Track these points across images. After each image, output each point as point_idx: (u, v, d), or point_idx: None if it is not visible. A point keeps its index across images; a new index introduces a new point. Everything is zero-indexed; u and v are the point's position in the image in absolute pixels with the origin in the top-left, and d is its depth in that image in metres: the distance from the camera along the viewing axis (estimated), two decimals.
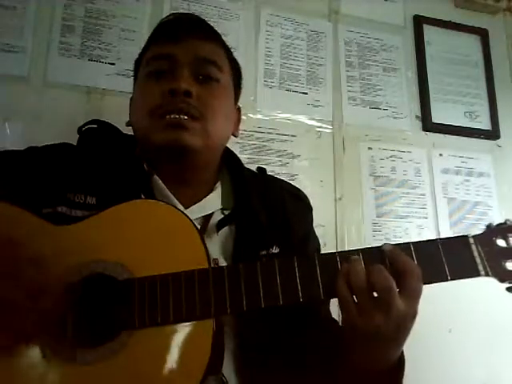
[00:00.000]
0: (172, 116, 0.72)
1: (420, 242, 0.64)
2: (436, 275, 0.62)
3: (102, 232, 0.64)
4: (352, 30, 1.53)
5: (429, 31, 1.61)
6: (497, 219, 1.49)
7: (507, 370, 1.37)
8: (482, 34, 1.67)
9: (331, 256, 0.63)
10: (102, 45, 1.25)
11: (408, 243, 0.63)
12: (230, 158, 0.88)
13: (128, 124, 0.83)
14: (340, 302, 0.60)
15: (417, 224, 1.43)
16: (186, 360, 0.57)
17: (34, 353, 0.57)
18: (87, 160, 0.75)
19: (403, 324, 0.59)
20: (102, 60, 1.24)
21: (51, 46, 1.21)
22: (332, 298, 0.63)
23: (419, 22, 1.60)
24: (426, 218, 1.44)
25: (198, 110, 0.73)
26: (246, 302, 0.59)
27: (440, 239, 0.64)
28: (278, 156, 1.35)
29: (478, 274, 0.62)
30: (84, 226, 0.64)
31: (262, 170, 0.92)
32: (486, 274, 0.62)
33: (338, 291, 0.60)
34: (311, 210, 0.91)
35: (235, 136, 0.87)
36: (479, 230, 0.69)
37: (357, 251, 0.63)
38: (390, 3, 1.60)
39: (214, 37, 0.83)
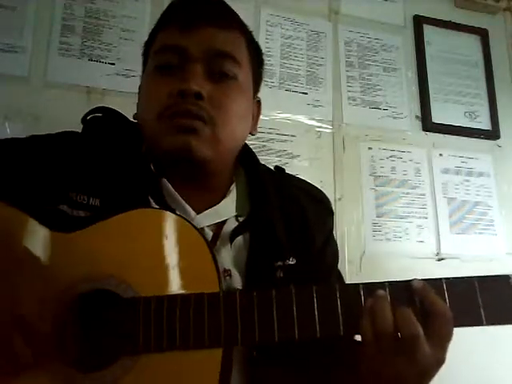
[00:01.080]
0: (181, 120, 0.65)
1: (454, 278, 0.58)
2: (469, 319, 0.56)
3: (107, 243, 0.60)
4: (352, 30, 1.53)
5: (429, 31, 1.61)
6: (497, 219, 1.50)
7: (506, 369, 1.37)
8: (482, 34, 1.67)
9: (353, 288, 0.57)
10: (102, 45, 1.25)
11: (441, 279, 0.57)
12: (246, 156, 0.80)
13: (135, 117, 0.77)
14: (363, 343, 0.55)
15: (417, 224, 1.43)
16: None
17: (32, 374, 0.54)
18: (91, 156, 0.70)
19: (427, 371, 0.55)
20: (102, 60, 1.24)
21: (51, 46, 1.21)
22: (352, 335, 0.59)
23: (419, 22, 1.60)
24: (426, 218, 1.44)
25: (208, 114, 0.66)
26: (259, 335, 0.55)
27: (477, 277, 0.57)
28: (278, 156, 1.35)
29: None
30: (88, 234, 0.61)
31: (280, 170, 0.85)
32: None
33: (363, 333, 0.55)
34: (332, 213, 0.85)
35: (252, 134, 0.79)
36: (479, 230, 0.66)
37: (383, 284, 0.57)
38: (390, 3, 1.60)
39: (232, 23, 0.73)
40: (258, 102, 0.81)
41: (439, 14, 1.64)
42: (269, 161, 1.31)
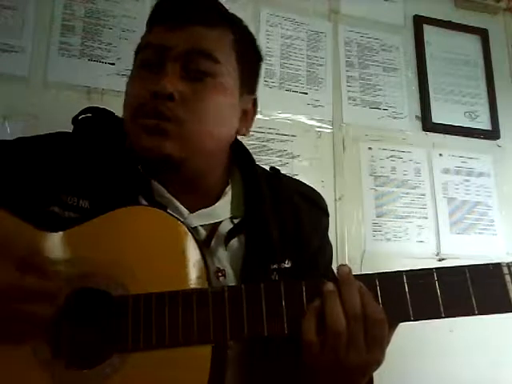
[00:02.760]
0: (148, 121, 0.66)
1: (445, 268, 0.57)
2: (461, 309, 0.55)
3: (96, 241, 0.61)
4: (352, 30, 1.53)
5: (429, 31, 1.61)
6: (497, 219, 1.50)
7: (509, 370, 1.37)
8: (482, 34, 1.67)
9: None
10: (102, 45, 1.25)
11: (431, 269, 0.57)
12: (241, 157, 0.80)
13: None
14: (304, 343, 0.56)
15: (417, 224, 1.42)
16: None
17: (23, 370, 0.55)
18: (81, 157, 0.70)
19: (366, 368, 0.57)
20: (102, 60, 1.24)
21: (51, 46, 1.21)
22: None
23: (419, 21, 1.60)
24: (426, 217, 1.44)
25: (176, 114, 0.66)
26: (248, 330, 0.55)
27: (468, 266, 0.57)
28: (278, 156, 1.35)
29: (510, 310, 0.55)
30: (77, 233, 0.61)
31: (275, 171, 0.84)
32: None
33: (305, 331, 0.55)
34: (327, 215, 0.84)
35: (243, 134, 0.77)
36: (479, 230, 0.65)
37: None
38: (390, 3, 1.60)
39: (215, 20, 0.72)
40: (254, 101, 0.79)
41: (439, 13, 1.64)
42: (269, 161, 1.31)
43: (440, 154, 1.52)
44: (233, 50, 0.73)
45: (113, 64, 1.25)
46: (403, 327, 0.60)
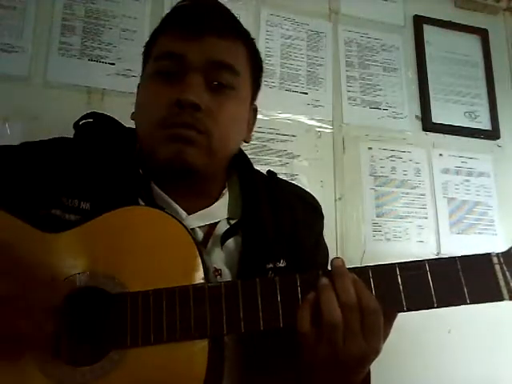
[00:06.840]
0: (177, 129, 0.65)
1: (436, 259, 0.59)
2: (454, 298, 0.56)
3: (95, 241, 0.61)
4: (352, 30, 1.53)
5: (429, 31, 1.61)
6: (497, 219, 1.50)
7: (507, 370, 1.37)
8: (482, 34, 1.67)
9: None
10: (102, 45, 1.25)
11: (423, 261, 0.58)
12: (240, 161, 0.81)
13: (133, 118, 0.76)
14: (300, 334, 0.56)
15: (417, 224, 1.43)
16: (182, 380, 0.55)
17: (23, 370, 0.55)
18: (82, 161, 0.71)
19: (365, 359, 0.57)
20: (102, 60, 1.24)
21: (51, 46, 1.21)
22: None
23: (419, 21, 1.60)
24: (426, 217, 1.44)
25: (205, 125, 0.66)
26: (244, 324, 0.56)
27: (459, 257, 0.58)
28: (278, 156, 1.35)
29: (501, 298, 0.56)
30: (76, 234, 0.62)
31: (272, 174, 0.85)
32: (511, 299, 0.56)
33: (300, 324, 0.56)
34: (322, 217, 0.86)
35: (246, 142, 0.79)
36: (479, 230, 0.66)
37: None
38: (390, 3, 1.60)
39: (234, 32, 0.72)
40: (255, 110, 0.81)
41: (439, 13, 1.64)
42: (269, 161, 1.31)
43: (440, 154, 1.52)
44: (248, 61, 0.74)
45: (113, 64, 1.25)
46: (402, 327, 0.60)
